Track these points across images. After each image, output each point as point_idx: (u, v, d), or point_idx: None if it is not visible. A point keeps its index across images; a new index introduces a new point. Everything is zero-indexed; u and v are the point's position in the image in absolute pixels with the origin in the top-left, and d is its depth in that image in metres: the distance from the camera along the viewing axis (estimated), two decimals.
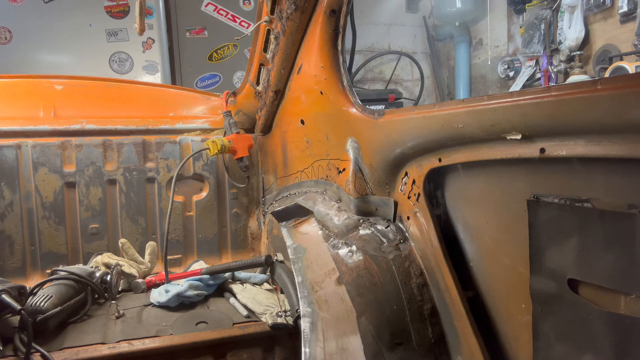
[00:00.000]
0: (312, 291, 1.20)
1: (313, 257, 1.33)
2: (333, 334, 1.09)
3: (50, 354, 1.30)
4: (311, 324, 1.11)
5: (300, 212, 1.58)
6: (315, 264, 1.29)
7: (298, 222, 1.56)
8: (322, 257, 1.30)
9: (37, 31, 3.97)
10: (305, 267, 1.30)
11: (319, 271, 1.26)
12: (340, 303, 1.14)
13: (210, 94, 2.40)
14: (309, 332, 1.10)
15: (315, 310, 1.14)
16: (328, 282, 1.21)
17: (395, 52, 6.05)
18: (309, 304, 1.16)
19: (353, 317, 1.11)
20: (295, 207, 1.60)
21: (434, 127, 1.05)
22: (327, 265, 1.25)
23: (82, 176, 2.02)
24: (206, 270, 1.77)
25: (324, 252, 1.31)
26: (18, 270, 1.94)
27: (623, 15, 3.83)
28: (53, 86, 2.16)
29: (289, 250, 1.41)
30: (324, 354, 1.05)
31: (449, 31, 6.07)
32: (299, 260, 1.34)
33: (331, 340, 1.08)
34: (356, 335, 1.07)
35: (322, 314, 1.12)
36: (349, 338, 1.08)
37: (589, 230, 0.79)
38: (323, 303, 1.16)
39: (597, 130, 0.72)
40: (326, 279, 1.22)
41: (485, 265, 1.06)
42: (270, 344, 1.50)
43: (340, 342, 1.07)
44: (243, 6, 4.75)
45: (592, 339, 0.81)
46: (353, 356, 1.04)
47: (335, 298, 1.16)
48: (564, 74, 4.39)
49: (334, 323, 1.11)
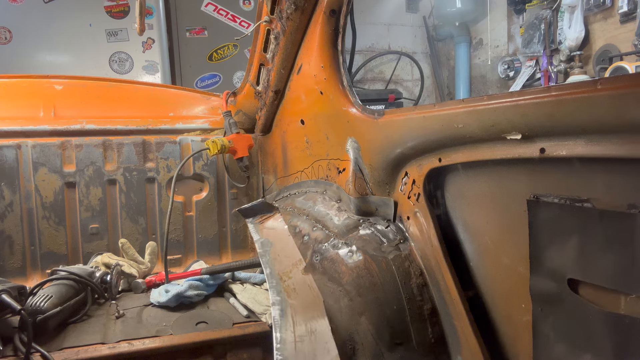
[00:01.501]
0: (281, 281, 1.25)
1: (280, 249, 1.40)
2: (302, 318, 1.14)
3: (50, 354, 1.30)
4: (281, 310, 1.16)
5: (265, 208, 1.65)
6: (283, 256, 1.36)
7: (264, 218, 1.62)
8: (289, 250, 1.38)
9: (37, 31, 3.97)
10: (273, 259, 1.36)
11: (287, 262, 1.32)
12: (308, 290, 1.21)
13: (210, 94, 2.40)
14: (279, 319, 1.14)
15: (284, 298, 1.19)
16: (295, 272, 1.28)
17: (395, 52, 6.05)
18: (278, 292, 1.21)
19: (320, 302, 1.16)
20: (261, 204, 1.67)
21: (434, 127, 1.05)
22: (294, 257, 1.33)
23: (82, 176, 2.02)
24: (206, 270, 1.77)
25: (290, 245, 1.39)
26: (18, 270, 1.94)
27: (623, 15, 3.83)
28: (53, 86, 2.16)
29: (257, 245, 1.46)
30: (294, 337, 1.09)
31: (449, 31, 6.07)
32: (267, 254, 1.40)
33: (301, 324, 1.13)
34: (324, 318, 1.12)
35: (291, 301, 1.18)
36: (317, 321, 1.12)
37: (589, 230, 0.78)
38: (292, 291, 1.21)
39: (597, 130, 0.72)
40: (294, 269, 1.29)
41: (485, 265, 1.06)
42: (270, 344, 1.49)
43: (309, 325, 1.12)
44: (243, 6, 4.75)
45: (592, 339, 0.81)
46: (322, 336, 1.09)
47: (303, 286, 1.22)
48: (564, 74, 4.39)
49: (303, 309, 1.16)
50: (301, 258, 1.31)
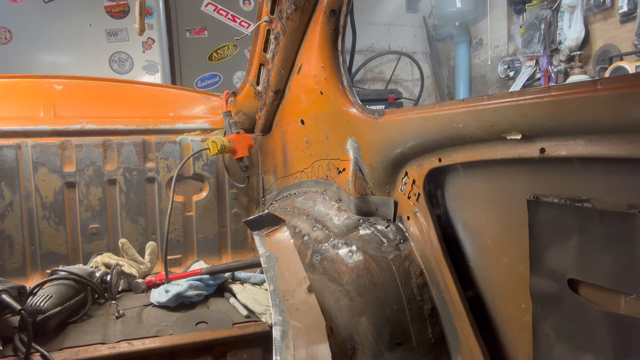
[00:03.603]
0: (284, 299, 1.22)
1: (285, 266, 1.36)
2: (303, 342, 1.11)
3: (50, 354, 1.30)
4: (282, 332, 1.13)
5: (272, 220, 1.61)
6: (287, 272, 1.32)
7: (271, 231, 1.58)
8: (294, 266, 1.34)
9: (37, 31, 3.96)
10: (278, 275, 1.32)
11: (291, 280, 1.29)
12: (310, 311, 1.17)
13: (210, 94, 2.40)
14: (280, 340, 1.11)
15: (286, 318, 1.16)
16: (299, 291, 1.24)
17: (395, 52, 6.05)
18: (280, 312, 1.18)
19: (322, 325, 1.14)
20: (267, 216, 1.62)
21: (434, 127, 1.05)
22: (299, 274, 1.29)
23: (82, 176, 2.02)
24: (206, 270, 1.77)
25: (295, 262, 1.35)
26: (18, 270, 1.94)
27: (623, 15, 3.83)
28: (53, 86, 2.16)
29: (262, 259, 1.42)
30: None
31: (449, 31, 6.06)
32: (271, 269, 1.35)
33: (301, 348, 1.10)
34: (325, 343, 1.10)
35: (293, 322, 1.15)
36: (318, 346, 1.10)
37: (589, 230, 0.78)
38: (294, 311, 1.18)
39: (597, 130, 0.72)
40: (297, 287, 1.25)
41: (485, 265, 1.06)
42: (270, 344, 1.50)
43: (310, 350, 1.10)
44: (243, 6, 4.75)
45: (592, 339, 0.81)
46: None
47: (306, 306, 1.19)
48: (564, 74, 4.39)
49: (304, 331, 1.13)
50: (305, 276, 1.28)
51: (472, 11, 5.68)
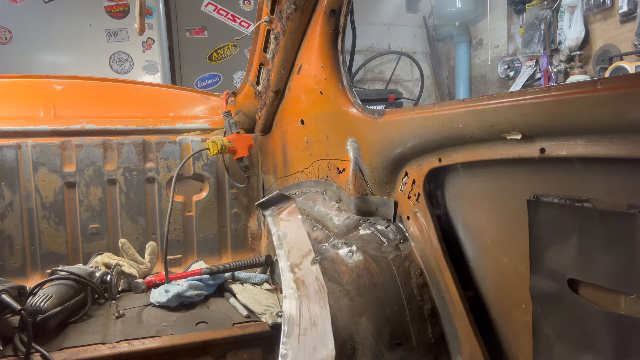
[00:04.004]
0: (292, 273, 1.28)
1: (293, 241, 1.42)
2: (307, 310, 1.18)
3: (50, 354, 1.30)
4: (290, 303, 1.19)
5: (282, 200, 1.69)
6: (296, 248, 1.39)
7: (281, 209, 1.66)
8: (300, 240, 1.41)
9: (37, 31, 3.96)
10: (287, 252, 1.38)
11: (298, 254, 1.36)
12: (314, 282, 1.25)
13: (210, 94, 2.40)
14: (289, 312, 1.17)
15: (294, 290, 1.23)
16: (305, 263, 1.31)
17: (395, 52, 6.05)
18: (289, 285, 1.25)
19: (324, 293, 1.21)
20: (277, 196, 1.70)
21: (434, 127, 1.05)
22: (305, 248, 1.37)
23: (82, 176, 2.02)
24: (206, 270, 1.77)
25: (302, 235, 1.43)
26: (18, 270, 1.94)
27: (623, 15, 3.83)
28: (53, 86, 2.16)
29: (274, 237, 1.48)
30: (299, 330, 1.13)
31: (449, 31, 6.06)
32: (282, 246, 1.43)
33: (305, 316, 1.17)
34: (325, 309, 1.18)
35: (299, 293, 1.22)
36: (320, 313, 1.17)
37: (589, 230, 0.78)
38: (301, 284, 1.25)
39: (597, 130, 0.72)
40: (303, 260, 1.32)
41: (485, 265, 1.06)
42: (270, 344, 1.50)
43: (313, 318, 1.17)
44: (243, 6, 4.75)
45: (592, 339, 0.81)
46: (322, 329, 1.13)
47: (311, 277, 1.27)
48: (564, 74, 4.39)
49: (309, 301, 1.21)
50: (311, 248, 1.35)
51: (472, 11, 5.68)
